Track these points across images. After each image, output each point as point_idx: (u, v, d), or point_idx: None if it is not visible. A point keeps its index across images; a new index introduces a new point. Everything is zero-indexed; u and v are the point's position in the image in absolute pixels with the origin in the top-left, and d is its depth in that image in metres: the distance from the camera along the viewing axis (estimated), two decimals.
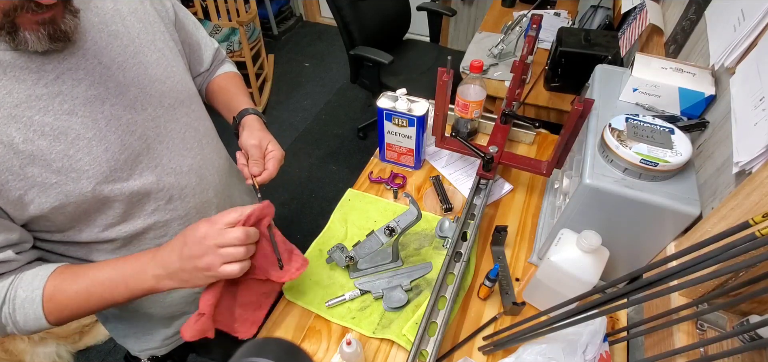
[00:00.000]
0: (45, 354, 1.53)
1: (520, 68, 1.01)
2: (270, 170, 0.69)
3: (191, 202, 0.68)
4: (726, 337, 0.46)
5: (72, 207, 0.54)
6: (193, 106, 0.70)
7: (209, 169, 0.72)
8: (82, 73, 0.53)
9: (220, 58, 0.85)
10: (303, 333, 0.74)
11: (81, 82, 0.53)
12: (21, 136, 0.48)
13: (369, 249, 0.75)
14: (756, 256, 0.34)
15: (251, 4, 2.54)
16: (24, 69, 0.48)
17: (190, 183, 0.67)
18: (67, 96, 0.51)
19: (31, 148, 0.49)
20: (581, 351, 0.57)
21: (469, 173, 1.00)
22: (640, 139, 0.62)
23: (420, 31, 2.74)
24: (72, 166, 0.52)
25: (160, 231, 0.66)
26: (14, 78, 0.47)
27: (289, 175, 2.30)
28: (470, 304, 0.76)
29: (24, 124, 0.48)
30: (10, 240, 0.51)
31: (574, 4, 1.97)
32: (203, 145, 0.71)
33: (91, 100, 0.53)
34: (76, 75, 0.52)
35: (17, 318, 0.53)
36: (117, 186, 0.57)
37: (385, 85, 2.01)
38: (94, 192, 0.54)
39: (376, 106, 0.92)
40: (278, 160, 0.70)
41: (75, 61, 0.52)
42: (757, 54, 0.56)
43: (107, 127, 0.55)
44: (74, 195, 0.53)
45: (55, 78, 0.50)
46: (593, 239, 0.59)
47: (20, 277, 0.53)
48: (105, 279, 0.55)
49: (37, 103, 0.49)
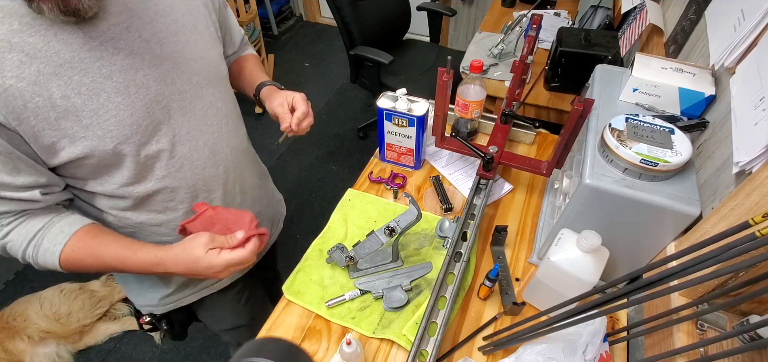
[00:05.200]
0: (45, 354, 1.53)
1: (520, 68, 1.01)
2: (301, 109, 0.78)
3: (200, 175, 0.73)
4: (726, 337, 0.46)
5: (95, 160, 0.60)
6: (220, 88, 0.76)
7: (223, 147, 0.76)
8: (123, 43, 0.59)
9: (244, 42, 0.95)
10: (303, 333, 0.74)
11: (121, 51, 0.58)
12: (60, 92, 0.54)
13: (369, 249, 0.75)
14: (756, 256, 0.34)
15: (251, 4, 2.54)
16: (72, 34, 0.54)
17: (202, 157, 0.72)
18: (106, 61, 0.57)
19: (67, 104, 0.54)
20: (581, 351, 0.57)
21: (469, 173, 1.00)
22: (640, 139, 0.62)
23: (420, 31, 2.74)
24: (99, 124, 0.57)
25: (168, 195, 0.71)
26: (63, 41, 0.53)
27: (289, 175, 2.30)
28: (470, 304, 0.76)
29: (64, 82, 0.54)
30: (39, 181, 0.58)
31: (574, 4, 1.97)
32: (222, 124, 0.75)
33: (127, 69, 0.59)
34: (117, 44, 0.58)
35: (38, 260, 0.61)
36: (135, 148, 0.62)
37: (385, 85, 2.01)
38: (115, 150, 0.60)
39: (376, 106, 0.92)
40: (303, 100, 0.79)
41: (118, 31, 0.58)
42: (757, 54, 0.56)
43: (136, 94, 0.60)
44: (98, 150, 0.59)
45: (99, 44, 0.56)
46: (593, 239, 0.59)
47: (51, 226, 0.61)
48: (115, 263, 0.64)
49: (79, 64, 0.55)
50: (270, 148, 2.46)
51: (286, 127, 0.77)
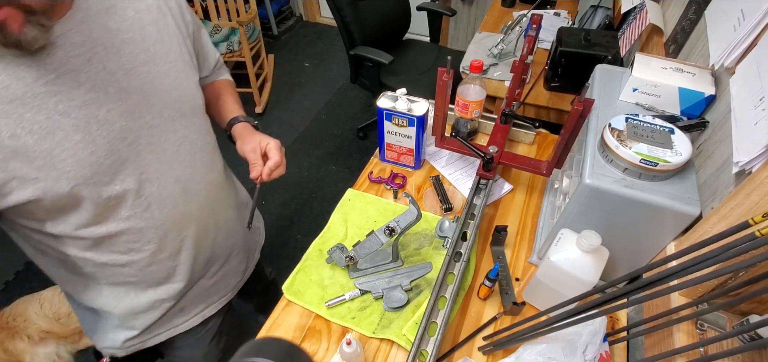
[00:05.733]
0: (45, 354, 1.53)
1: (520, 68, 1.01)
2: (274, 159, 0.73)
3: (170, 212, 0.68)
4: (726, 337, 0.46)
5: (48, 202, 0.55)
6: (195, 119, 0.71)
7: (197, 183, 0.71)
8: (84, 76, 0.53)
9: (219, 65, 0.88)
10: (303, 333, 0.74)
11: (81, 84, 0.53)
12: (9, 131, 0.49)
13: (369, 249, 0.75)
14: (756, 256, 0.34)
15: (251, 4, 2.53)
16: (24, 66, 0.49)
17: (173, 195, 0.67)
18: (64, 96, 0.52)
19: (17, 143, 0.50)
20: (581, 351, 0.57)
21: (469, 173, 1.00)
22: (640, 138, 0.62)
23: (420, 31, 2.74)
24: (54, 165, 0.52)
25: (134, 236, 0.66)
26: (14, 75, 0.48)
27: (289, 175, 2.30)
28: (470, 304, 0.76)
29: (14, 119, 0.49)
30: None
31: (574, 4, 1.97)
32: (197, 159, 0.71)
33: (88, 104, 0.54)
34: (78, 77, 0.53)
35: None
36: (96, 189, 0.57)
37: (385, 85, 2.01)
38: (72, 192, 0.55)
39: (376, 106, 0.92)
40: (277, 148, 0.74)
41: (79, 63, 0.53)
42: (757, 54, 0.56)
43: (98, 131, 0.55)
44: (52, 192, 0.54)
45: (57, 78, 0.51)
46: (593, 239, 0.59)
47: None
48: None
49: (32, 101, 0.50)
50: None
51: (256, 177, 0.73)
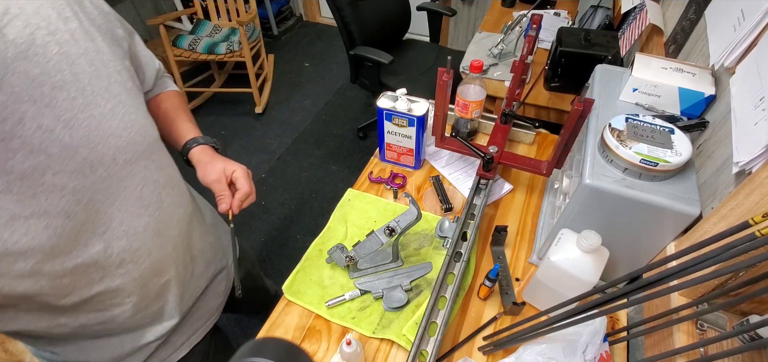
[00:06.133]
0: None
1: (520, 68, 1.01)
2: (244, 190, 0.68)
3: (146, 263, 0.62)
4: (726, 337, 0.46)
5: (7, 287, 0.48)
6: (154, 156, 0.62)
7: (169, 224, 0.65)
8: (18, 142, 0.45)
9: (160, 75, 0.77)
10: (303, 333, 0.74)
11: (17, 152, 0.45)
12: None
13: (369, 249, 0.75)
14: (756, 256, 0.34)
15: (251, 4, 2.54)
16: None
17: (145, 244, 0.61)
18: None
19: None
20: (581, 351, 0.57)
21: (469, 173, 1.00)
22: (640, 139, 0.62)
23: (420, 31, 2.74)
24: (7, 250, 0.45)
25: (111, 295, 0.60)
26: None
27: (289, 175, 2.30)
28: (470, 304, 0.76)
29: None
30: None
31: (574, 4, 1.97)
32: (163, 197, 0.63)
33: (30, 173, 0.46)
34: (10, 145, 0.44)
35: None
36: (58, 261, 0.50)
37: (385, 85, 2.01)
38: (33, 271, 0.48)
39: (376, 106, 0.92)
40: (245, 175, 0.70)
41: (8, 130, 0.44)
42: (757, 54, 0.56)
43: (48, 201, 0.48)
44: (10, 275, 0.47)
45: None
46: (593, 239, 0.59)
47: None
48: None
49: None
50: (270, 148, 2.46)
51: (225, 210, 0.67)
